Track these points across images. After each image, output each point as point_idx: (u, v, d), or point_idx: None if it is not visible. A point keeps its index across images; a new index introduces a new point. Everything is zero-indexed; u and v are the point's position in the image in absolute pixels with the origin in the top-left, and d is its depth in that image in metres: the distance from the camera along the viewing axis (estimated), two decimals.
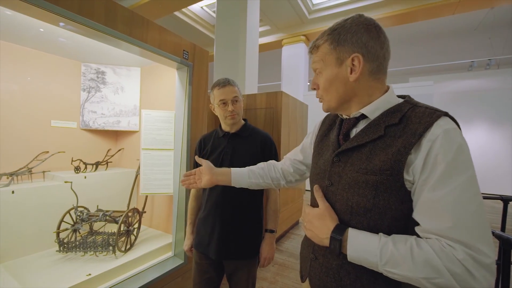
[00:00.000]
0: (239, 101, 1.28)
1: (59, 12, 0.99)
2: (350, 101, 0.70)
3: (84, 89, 2.04)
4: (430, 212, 0.55)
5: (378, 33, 0.65)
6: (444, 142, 0.55)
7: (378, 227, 0.62)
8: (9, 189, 1.46)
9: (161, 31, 1.44)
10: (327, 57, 0.69)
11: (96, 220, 1.60)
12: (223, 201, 1.23)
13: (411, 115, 0.61)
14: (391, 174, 0.59)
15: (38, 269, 1.38)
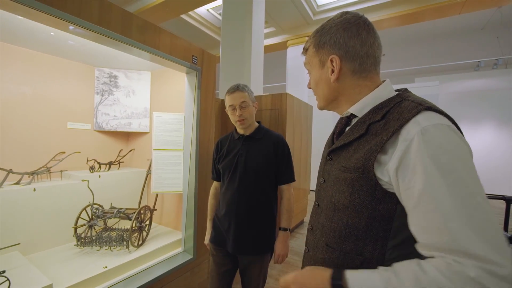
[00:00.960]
0: (248, 106, 1.33)
1: (81, 24, 1.08)
2: (336, 100, 0.70)
3: (97, 92, 2.14)
4: (423, 225, 0.49)
5: (358, 31, 0.63)
6: (421, 142, 0.50)
7: (356, 225, 0.62)
8: (31, 187, 1.56)
9: (172, 37, 1.52)
10: (312, 60, 0.71)
11: (111, 216, 1.69)
12: (239, 200, 1.31)
13: (395, 110, 0.58)
14: (362, 172, 0.58)
15: (59, 262, 1.48)
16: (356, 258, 0.62)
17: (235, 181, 1.34)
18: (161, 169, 1.79)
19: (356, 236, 0.62)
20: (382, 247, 0.59)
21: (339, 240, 0.65)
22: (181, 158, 1.82)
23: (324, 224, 0.70)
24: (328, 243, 0.68)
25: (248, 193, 1.32)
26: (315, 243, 0.73)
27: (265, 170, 1.34)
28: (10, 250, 1.43)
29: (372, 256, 0.60)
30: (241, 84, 1.35)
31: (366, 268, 0.56)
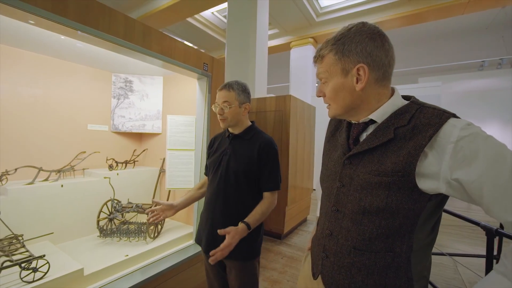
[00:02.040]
0: (230, 106, 1.25)
1: (108, 39, 1.24)
2: (357, 108, 0.71)
3: (114, 96, 2.31)
4: (507, 207, 0.53)
5: (382, 42, 0.66)
6: (469, 139, 0.55)
7: (389, 226, 0.64)
8: (59, 184, 1.73)
9: (186, 47, 1.67)
10: (332, 68, 0.70)
11: (129, 211, 1.85)
12: (216, 200, 1.27)
13: (420, 116, 0.62)
14: (403, 175, 0.60)
15: (85, 250, 1.64)
16: (387, 255, 0.65)
17: (215, 180, 1.30)
18: (174, 168, 1.94)
19: (386, 235, 0.64)
20: (410, 240, 0.64)
21: (368, 242, 0.67)
22: (193, 158, 1.97)
23: (349, 228, 0.70)
24: (356, 246, 0.68)
25: (226, 195, 1.26)
26: (338, 248, 0.72)
27: (246, 174, 1.25)
28: (41, 239, 1.60)
29: (402, 250, 0.64)
30: (232, 83, 1.29)
31: (397, 263, 0.64)
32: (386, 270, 0.65)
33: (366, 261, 0.67)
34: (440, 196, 0.63)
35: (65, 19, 1.06)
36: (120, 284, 1.39)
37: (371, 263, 0.66)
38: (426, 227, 0.65)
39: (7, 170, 1.58)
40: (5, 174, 1.57)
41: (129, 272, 1.52)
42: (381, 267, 0.65)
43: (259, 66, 4.72)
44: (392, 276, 0.65)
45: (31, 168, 1.71)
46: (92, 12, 1.17)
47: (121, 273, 1.49)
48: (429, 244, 0.69)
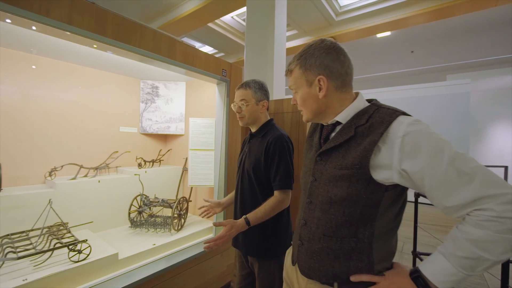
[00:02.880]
0: (247, 104, 1.29)
1: (140, 52, 1.41)
2: (324, 112, 0.81)
3: (142, 101, 2.53)
4: (442, 194, 0.61)
5: (338, 55, 0.77)
6: (412, 134, 0.64)
7: (352, 213, 0.72)
8: (96, 179, 1.95)
9: (206, 56, 1.82)
10: (298, 80, 0.82)
11: (156, 205, 2.04)
12: (236, 201, 1.37)
13: (376, 115, 0.71)
14: (359, 168, 0.69)
15: (119, 238, 1.85)
16: (351, 241, 0.73)
17: (238, 180, 1.36)
18: (196, 166, 2.11)
19: (350, 223, 0.72)
20: (371, 227, 0.71)
21: (335, 228, 0.74)
22: (212, 157, 2.11)
23: (320, 217, 0.78)
24: (325, 233, 0.76)
25: (242, 193, 1.32)
26: (311, 236, 0.80)
27: (255, 172, 1.27)
28: (82, 227, 1.82)
29: (364, 236, 0.72)
30: (249, 81, 1.33)
31: (360, 247, 0.72)
32: (350, 253, 0.73)
33: (333, 246, 0.75)
34: (397, 188, 0.71)
35: (105, 37, 1.24)
36: (148, 269, 1.56)
37: (337, 247, 0.74)
38: (387, 216, 0.72)
39: (55, 167, 1.83)
40: (54, 170, 1.82)
41: (156, 259, 1.69)
42: (346, 251, 0.73)
43: (277, 67, 4.79)
44: (355, 259, 0.73)
45: (73, 166, 1.95)
46: (126, 30, 1.35)
47: (149, 259, 1.67)
48: (390, 232, 0.76)
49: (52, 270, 1.29)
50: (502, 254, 0.57)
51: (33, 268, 1.30)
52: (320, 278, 0.78)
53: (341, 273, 0.74)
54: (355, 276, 0.73)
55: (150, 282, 1.52)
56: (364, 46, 8.39)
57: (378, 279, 0.72)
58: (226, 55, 9.87)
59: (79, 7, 1.17)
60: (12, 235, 1.47)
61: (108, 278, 1.43)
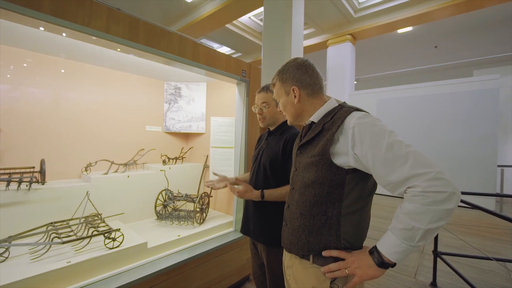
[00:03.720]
0: (268, 106, 1.41)
1: (168, 56, 1.52)
2: (301, 115, 1.00)
3: (166, 101, 2.67)
4: (382, 174, 0.74)
5: (306, 69, 0.97)
6: (359, 126, 0.79)
7: (321, 194, 0.86)
8: (125, 175, 2.11)
9: (227, 57, 1.91)
10: (279, 91, 1.03)
11: (180, 199, 2.16)
12: (254, 186, 1.44)
13: (338, 113, 0.88)
14: (322, 154, 0.85)
15: (146, 229, 1.99)
16: (321, 218, 0.87)
17: (252, 174, 1.47)
18: (216, 163, 2.20)
19: (321, 202, 0.86)
20: (339, 206, 0.84)
21: (309, 208, 0.89)
22: (233, 154, 2.20)
23: (298, 199, 0.94)
24: (302, 212, 0.91)
25: (256, 187, 1.40)
26: (291, 216, 0.97)
27: (272, 166, 1.37)
28: (113, 218, 1.97)
29: (333, 214, 0.85)
30: (269, 85, 1.40)
31: (329, 224, 0.85)
32: (321, 229, 0.87)
33: (307, 223, 0.89)
34: (358, 172, 0.83)
35: (137, 44, 1.36)
36: (174, 258, 1.68)
37: (311, 224, 0.89)
38: (352, 197, 0.85)
39: (90, 162, 2.00)
40: (89, 165, 1.99)
41: (180, 249, 1.80)
42: (317, 227, 0.87)
43: None
44: (325, 233, 0.86)
45: (105, 162, 2.12)
46: (155, 36, 1.46)
47: (174, 249, 1.79)
48: (357, 212, 0.86)
49: (91, 255, 1.43)
50: (429, 223, 0.68)
51: (75, 252, 1.45)
52: (298, 251, 0.92)
53: (315, 246, 0.88)
54: (326, 251, 0.86)
55: (175, 270, 1.64)
56: (384, 42, 8.17)
57: (345, 255, 0.84)
58: (244, 55, 10.00)
59: (115, 17, 1.29)
60: (55, 223, 1.64)
61: (138, 264, 1.56)
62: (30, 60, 1.79)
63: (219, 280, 1.98)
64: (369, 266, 0.78)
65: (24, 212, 1.59)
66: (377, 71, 9.91)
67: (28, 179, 1.60)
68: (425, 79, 9.14)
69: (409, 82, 7.97)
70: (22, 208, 1.58)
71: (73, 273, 1.33)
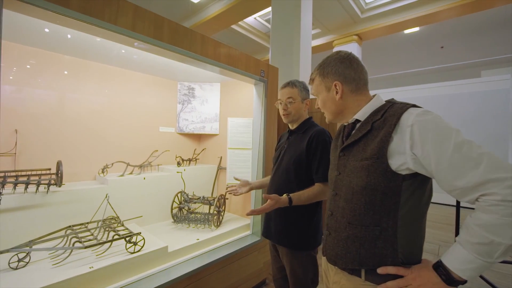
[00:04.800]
0: (294, 102, 1.38)
1: (193, 56, 1.48)
2: (342, 113, 0.93)
3: (179, 102, 2.64)
4: (449, 178, 0.66)
5: (350, 63, 0.90)
6: (420, 123, 0.71)
7: (373, 202, 0.78)
8: (141, 177, 2.07)
9: (247, 57, 1.87)
10: (319, 87, 0.97)
11: (197, 201, 2.12)
12: (271, 190, 1.41)
13: (390, 110, 0.80)
14: (377, 157, 0.76)
15: (165, 232, 1.95)
16: (375, 229, 0.78)
17: (273, 173, 1.44)
18: (233, 165, 2.16)
19: (373, 211, 0.78)
20: (395, 217, 0.76)
21: (359, 217, 0.80)
22: (250, 156, 2.16)
23: (344, 207, 0.85)
24: (350, 221, 0.83)
25: (279, 187, 1.37)
26: (337, 225, 0.87)
27: (296, 166, 1.32)
28: (129, 222, 1.93)
29: (388, 225, 0.76)
30: (294, 81, 1.41)
31: (384, 236, 0.76)
32: (375, 241, 0.78)
33: (358, 234, 0.81)
34: (416, 178, 0.75)
35: (162, 42, 1.33)
36: (194, 263, 1.63)
37: (363, 235, 0.80)
38: (409, 207, 0.76)
39: (107, 164, 1.97)
40: (106, 167, 1.95)
41: (200, 253, 1.76)
42: (370, 239, 0.79)
43: (303, 68, 4.79)
44: (380, 247, 0.77)
45: (119, 163, 2.08)
46: (179, 35, 1.42)
47: (194, 253, 1.74)
48: (415, 223, 0.78)
49: (113, 259, 1.39)
50: None
51: (96, 257, 1.41)
52: (346, 264, 0.83)
53: (367, 260, 0.79)
54: (381, 268, 0.77)
55: (196, 275, 1.59)
56: (391, 43, 8.12)
57: (404, 272, 0.74)
58: None
59: (140, 15, 1.26)
60: (73, 226, 1.60)
61: (160, 269, 1.51)
62: (43, 60, 1.76)
63: (237, 284, 1.94)
64: (435, 283, 0.69)
65: (43, 215, 1.55)
66: (383, 72, 9.86)
67: (46, 182, 1.57)
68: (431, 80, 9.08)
69: (415, 83, 7.91)
70: (41, 211, 1.54)
71: (96, 279, 1.29)
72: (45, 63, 1.76)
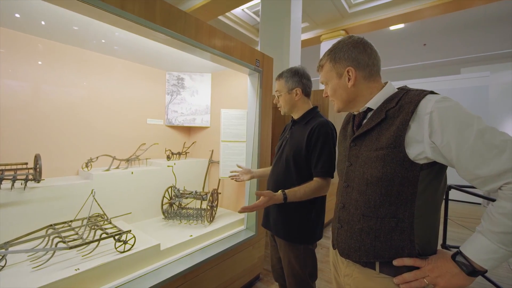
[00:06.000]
0: (280, 95, 1.36)
1: (186, 41, 1.38)
2: (354, 101, 0.88)
3: (168, 93, 2.50)
4: (470, 167, 0.63)
5: (364, 48, 0.85)
6: (440, 110, 0.67)
7: (389, 193, 0.75)
8: (129, 171, 1.94)
9: (242, 45, 1.79)
10: (329, 73, 0.91)
11: (188, 197, 2.03)
12: (270, 182, 1.41)
13: (405, 97, 0.76)
14: (394, 147, 0.73)
15: (155, 230, 1.85)
16: (391, 221, 0.75)
17: (274, 165, 1.40)
18: (227, 158, 2.08)
19: (389, 202, 0.75)
20: (411, 207, 0.73)
21: (374, 208, 0.77)
22: (244, 149, 2.09)
23: (357, 199, 0.82)
24: (364, 213, 0.80)
25: (277, 179, 1.34)
26: (350, 217, 0.84)
27: (295, 158, 1.28)
28: (116, 219, 1.81)
29: (404, 216, 0.74)
30: (283, 71, 1.38)
31: (401, 227, 0.74)
32: (391, 233, 0.75)
33: (373, 226, 0.78)
34: (434, 167, 0.72)
35: (154, 24, 1.21)
36: (188, 261, 1.56)
37: (378, 227, 0.77)
38: (426, 197, 0.74)
39: (91, 158, 1.82)
40: (90, 161, 1.81)
41: (193, 251, 1.68)
42: (386, 231, 0.76)
43: (293, 61, 4.75)
44: (396, 238, 0.75)
45: (104, 157, 1.94)
46: (172, 17, 1.31)
47: (187, 251, 1.67)
48: (431, 213, 0.76)
49: (101, 260, 1.29)
50: None
51: (82, 258, 1.30)
52: (361, 257, 0.80)
53: (383, 252, 0.76)
54: (398, 260, 0.75)
55: (191, 274, 1.52)
56: (376, 38, 8.24)
57: (421, 263, 0.72)
58: None
59: None
60: (55, 225, 1.47)
61: (153, 268, 1.43)
62: (13, 43, 1.58)
63: (232, 281, 1.89)
64: (454, 274, 0.67)
65: (20, 213, 1.41)
66: None
67: (23, 177, 1.42)
68: (413, 76, 9.36)
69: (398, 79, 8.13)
70: (18, 209, 1.40)
71: (82, 282, 1.19)
72: (15, 47, 1.58)
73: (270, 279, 2.29)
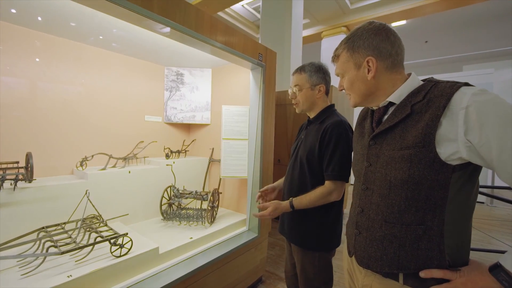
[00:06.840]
0: (301, 90, 1.25)
1: (186, 32, 1.29)
2: (373, 94, 0.80)
3: (166, 89, 2.41)
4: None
5: (387, 35, 0.75)
6: (478, 104, 0.59)
7: (416, 197, 0.67)
8: (126, 170, 1.86)
9: (245, 38, 1.70)
10: (345, 64, 0.82)
11: (188, 197, 1.95)
12: (284, 189, 1.36)
13: (434, 90, 0.68)
14: (423, 146, 0.65)
15: (154, 231, 1.77)
16: (418, 228, 0.67)
17: (289, 168, 1.33)
18: (229, 156, 2.00)
19: (416, 208, 0.67)
20: (441, 213, 0.65)
21: (398, 214, 0.70)
22: (246, 147, 2.01)
23: (379, 203, 0.74)
24: (387, 219, 0.72)
25: (292, 181, 1.28)
26: (370, 223, 0.76)
27: (308, 160, 1.22)
28: (113, 220, 1.73)
29: (433, 223, 0.66)
30: (305, 64, 1.28)
31: (429, 235, 0.66)
32: (418, 242, 0.67)
33: (397, 233, 0.70)
34: (467, 169, 0.64)
35: (152, 13, 1.13)
36: (189, 265, 1.48)
37: (402, 235, 0.69)
38: (458, 201, 0.66)
39: (86, 156, 1.74)
40: (85, 160, 1.72)
41: (194, 253, 1.61)
42: (412, 239, 0.68)
43: (294, 58, 4.67)
44: (424, 248, 0.67)
45: (100, 155, 1.86)
46: (171, 5, 1.22)
47: (188, 254, 1.59)
48: (463, 220, 0.68)
49: (96, 265, 1.21)
50: None
51: (75, 263, 1.22)
52: (383, 267, 0.73)
53: (407, 262, 0.69)
54: (425, 271, 0.67)
55: (192, 278, 1.45)
56: None
57: (452, 276, 0.65)
58: None
59: None
60: (47, 227, 1.39)
61: (151, 274, 1.35)
62: (12, 37, 1.49)
63: (233, 285, 1.82)
64: None
65: (9, 215, 1.33)
66: None
67: (13, 176, 1.33)
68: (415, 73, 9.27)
69: None
70: (7, 211, 1.32)
71: None
72: (5, 40, 1.49)
73: (273, 281, 2.22)
